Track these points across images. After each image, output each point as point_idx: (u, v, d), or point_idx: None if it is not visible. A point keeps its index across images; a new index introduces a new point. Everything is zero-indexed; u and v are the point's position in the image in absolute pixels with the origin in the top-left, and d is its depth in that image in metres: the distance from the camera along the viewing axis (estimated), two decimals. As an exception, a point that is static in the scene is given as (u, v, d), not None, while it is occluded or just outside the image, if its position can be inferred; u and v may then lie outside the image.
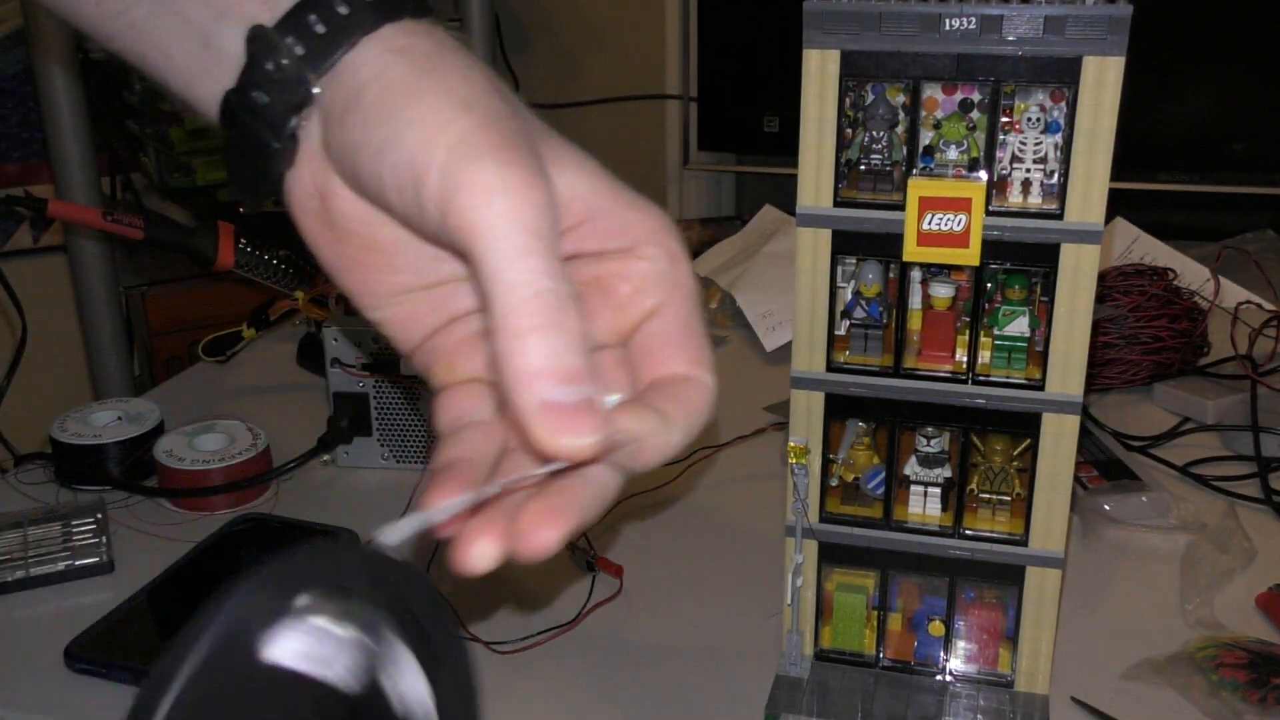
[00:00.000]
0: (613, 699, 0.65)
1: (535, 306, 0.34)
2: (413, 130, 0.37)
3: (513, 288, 0.34)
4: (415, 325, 0.44)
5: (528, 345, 0.34)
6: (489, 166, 0.35)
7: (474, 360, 0.43)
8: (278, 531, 0.80)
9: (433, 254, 0.42)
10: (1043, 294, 0.57)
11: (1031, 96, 0.55)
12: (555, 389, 0.34)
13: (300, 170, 0.42)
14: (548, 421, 0.34)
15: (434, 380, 0.44)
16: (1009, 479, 0.61)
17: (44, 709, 0.65)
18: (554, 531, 0.36)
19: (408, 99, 0.38)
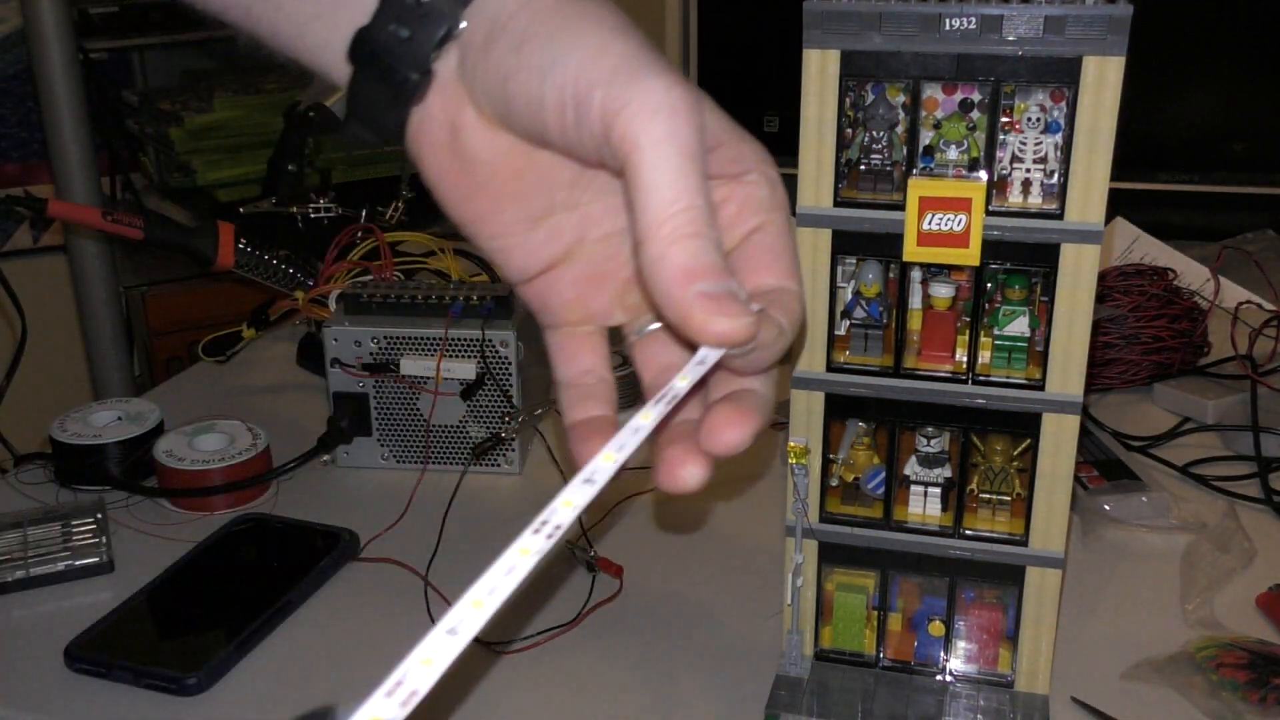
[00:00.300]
0: (613, 699, 0.65)
1: (687, 218, 0.38)
2: (574, 53, 0.40)
3: (669, 201, 0.38)
4: (531, 256, 0.46)
5: (682, 248, 0.38)
6: (655, 85, 0.39)
7: (592, 299, 0.47)
8: (278, 531, 0.80)
9: (561, 180, 0.45)
10: (1043, 294, 0.57)
11: (1031, 96, 0.55)
12: (708, 283, 0.38)
13: (430, 104, 0.44)
14: (706, 308, 0.38)
15: (545, 318, 0.48)
16: (1009, 479, 0.61)
17: (44, 709, 0.65)
18: (743, 429, 0.41)
19: (564, 25, 0.40)
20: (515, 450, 0.88)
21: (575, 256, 0.47)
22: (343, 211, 1.14)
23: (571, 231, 0.46)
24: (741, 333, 0.38)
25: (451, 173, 0.45)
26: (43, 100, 1.68)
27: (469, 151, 0.44)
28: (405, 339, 0.86)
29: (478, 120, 0.44)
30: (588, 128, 0.40)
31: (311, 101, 1.11)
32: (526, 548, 0.32)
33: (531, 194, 0.45)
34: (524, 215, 0.46)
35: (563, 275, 0.47)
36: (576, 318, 0.48)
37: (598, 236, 0.47)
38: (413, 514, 0.83)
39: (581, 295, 0.47)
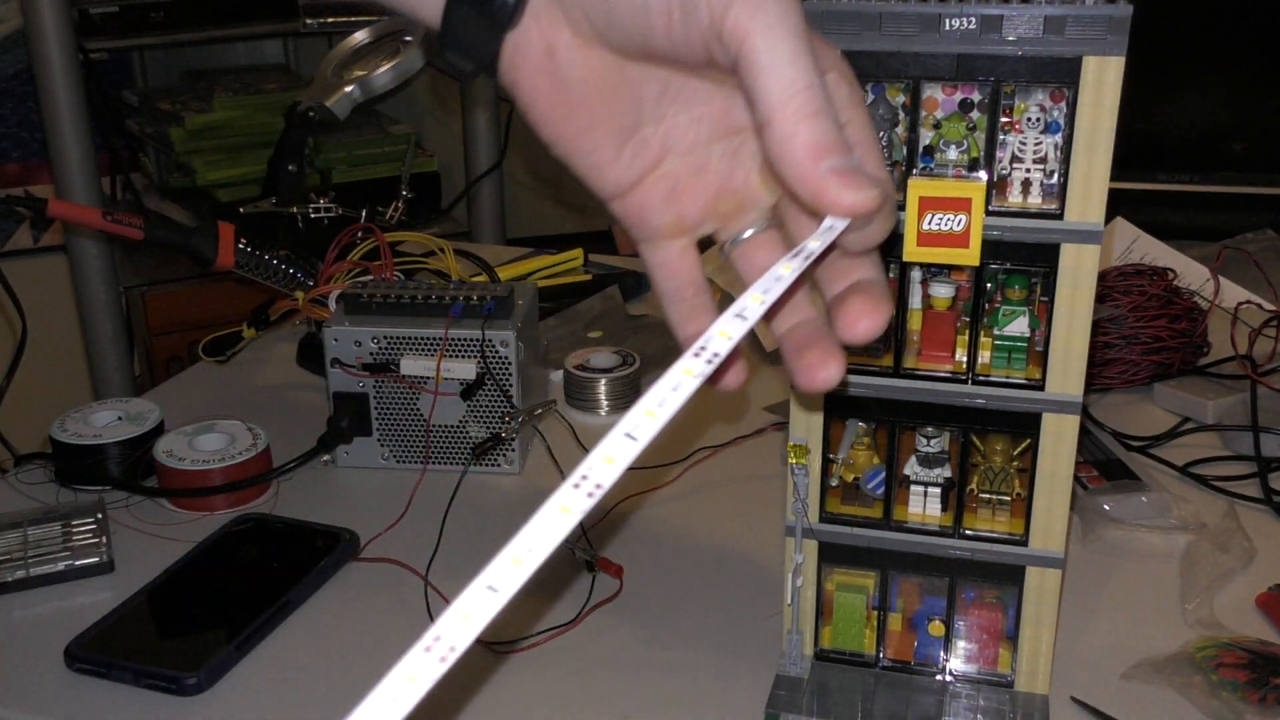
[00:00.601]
0: (613, 699, 0.65)
1: (809, 96, 0.41)
2: None
3: (790, 81, 0.41)
4: (623, 171, 0.48)
5: (809, 126, 0.41)
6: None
7: (685, 210, 0.49)
8: (278, 531, 0.80)
9: (650, 94, 0.47)
10: (1043, 294, 0.57)
11: (1031, 96, 0.55)
12: (836, 160, 0.41)
13: (525, 28, 0.46)
14: (838, 183, 0.41)
15: (640, 233, 0.50)
16: (1009, 479, 0.61)
17: (44, 709, 0.65)
18: (876, 316, 0.44)
19: None
20: (515, 450, 0.88)
21: (664, 169, 0.49)
22: (343, 211, 1.14)
23: (659, 144, 0.48)
24: (871, 203, 0.41)
25: (547, 94, 0.47)
26: (43, 100, 1.69)
27: (564, 71, 0.46)
28: (405, 339, 0.86)
29: (573, 40, 0.46)
30: (695, 26, 0.42)
31: (311, 101, 1.11)
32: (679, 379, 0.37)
33: (623, 109, 0.47)
34: (615, 130, 0.48)
35: (654, 189, 0.49)
36: (670, 230, 0.50)
37: (684, 149, 0.49)
38: (413, 514, 0.83)
39: (674, 207, 0.49)
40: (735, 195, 0.50)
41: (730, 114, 0.49)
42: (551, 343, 1.07)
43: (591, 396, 0.97)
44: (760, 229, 0.50)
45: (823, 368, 0.45)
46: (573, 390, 0.98)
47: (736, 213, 0.50)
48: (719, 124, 0.49)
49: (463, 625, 0.30)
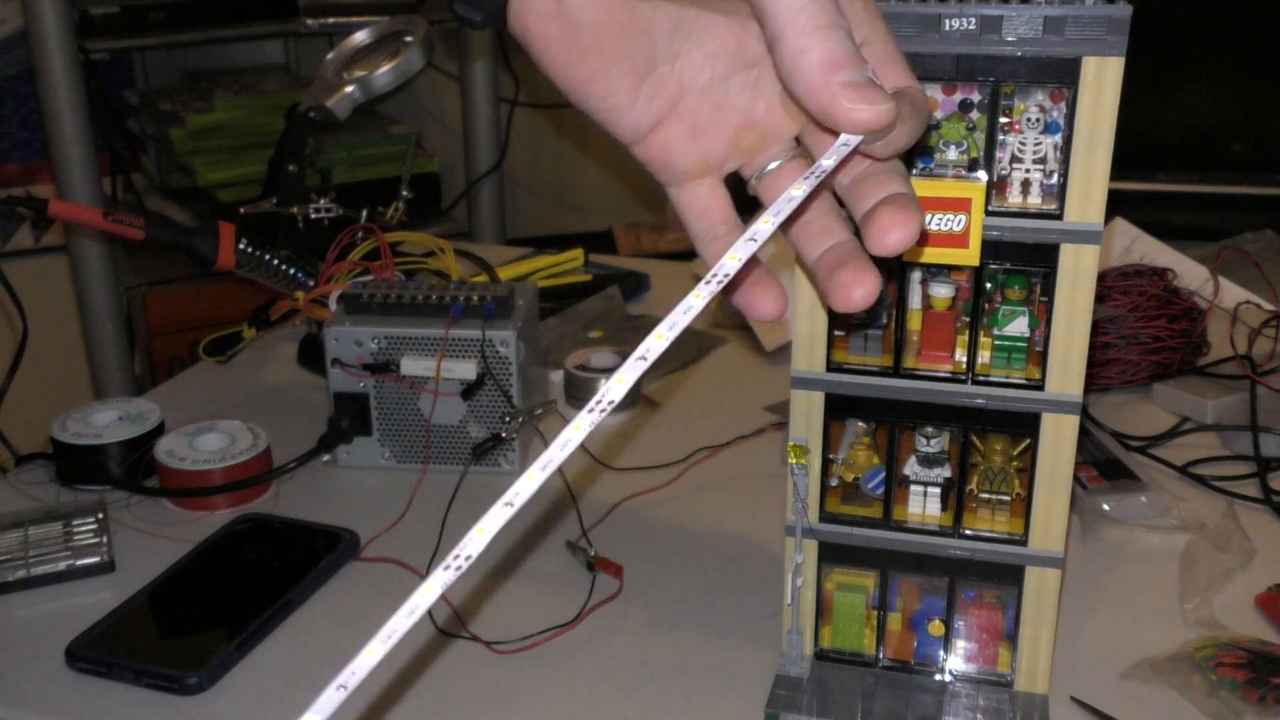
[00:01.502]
0: (613, 699, 0.66)
1: (818, 8, 0.41)
2: None
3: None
4: (641, 113, 0.48)
5: (820, 40, 0.40)
6: None
7: (707, 148, 0.49)
8: (278, 531, 0.80)
9: (662, 30, 0.47)
10: (1042, 294, 0.57)
11: (1031, 97, 0.55)
12: (849, 72, 0.40)
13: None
14: (850, 97, 0.40)
15: (666, 175, 0.50)
16: (1009, 479, 0.61)
17: (44, 709, 0.65)
18: (907, 226, 0.43)
19: None
20: (515, 450, 0.88)
21: (682, 108, 0.49)
22: (343, 212, 1.14)
23: (675, 82, 0.48)
24: (884, 118, 0.41)
25: (558, 39, 0.47)
26: (44, 101, 1.69)
27: (574, 15, 0.46)
28: (405, 339, 0.86)
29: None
30: None
31: (312, 101, 1.11)
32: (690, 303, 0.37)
33: (636, 48, 0.47)
34: (630, 70, 0.47)
35: (675, 129, 0.49)
36: (695, 170, 0.50)
37: (701, 85, 0.48)
38: (413, 514, 0.83)
39: (697, 146, 0.49)
40: (757, 128, 0.49)
41: (745, 46, 0.48)
42: (551, 343, 1.07)
43: (591, 396, 0.97)
44: (786, 160, 0.49)
45: (858, 284, 0.44)
46: (573, 390, 0.98)
47: (760, 146, 0.49)
48: (734, 57, 0.48)
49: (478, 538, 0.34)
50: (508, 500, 0.37)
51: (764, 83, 0.48)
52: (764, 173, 0.49)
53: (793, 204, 0.41)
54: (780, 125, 0.49)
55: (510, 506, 0.37)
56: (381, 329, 0.86)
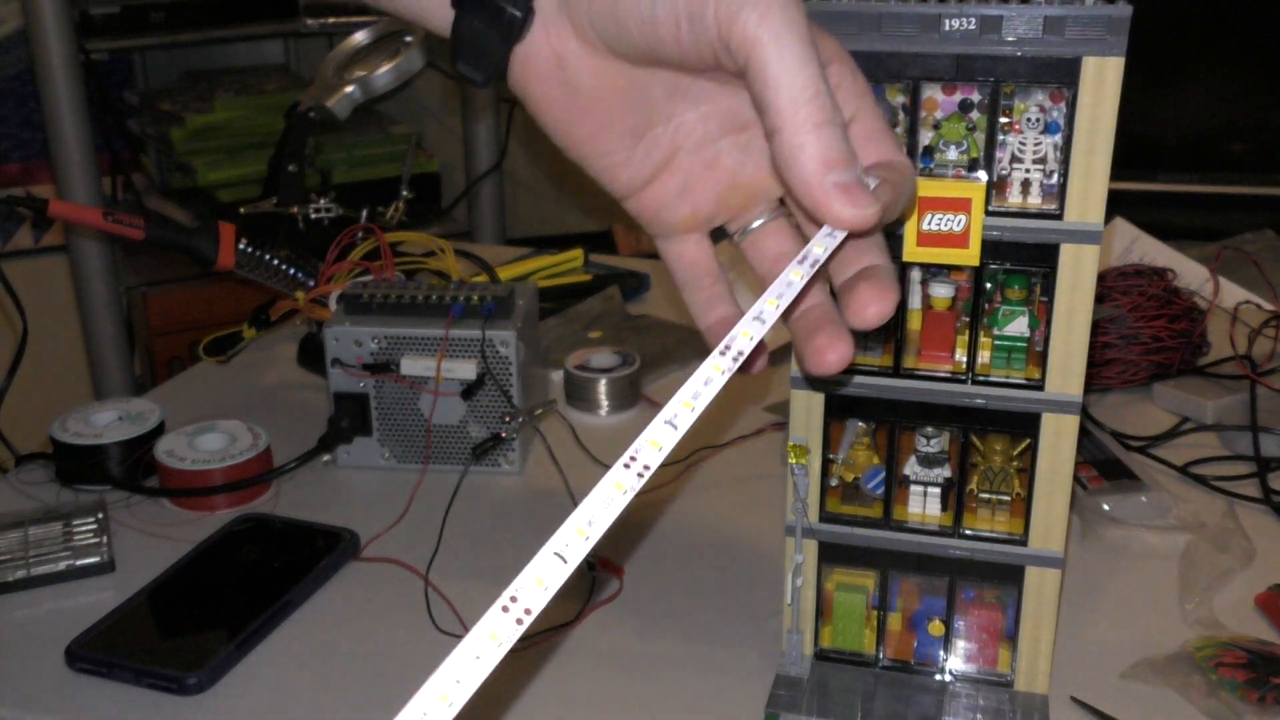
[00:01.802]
0: (613, 699, 0.66)
1: (817, 106, 0.42)
2: None
3: (800, 89, 0.42)
4: (636, 170, 0.50)
5: (817, 138, 0.42)
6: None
7: (696, 204, 0.50)
8: (278, 531, 0.80)
9: (659, 94, 0.48)
10: (1042, 294, 0.57)
11: (1031, 97, 0.55)
12: (842, 173, 0.42)
13: (535, 38, 0.47)
14: (840, 198, 0.42)
15: (656, 229, 0.52)
16: (1009, 479, 0.61)
17: (44, 709, 0.65)
18: (884, 302, 0.45)
19: None
20: (515, 450, 0.88)
21: (675, 166, 0.50)
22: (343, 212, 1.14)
23: (669, 142, 0.50)
24: (870, 221, 0.43)
25: (558, 100, 0.48)
26: (44, 101, 1.69)
27: (574, 78, 0.47)
28: (405, 339, 0.86)
29: (581, 49, 0.47)
30: (704, 36, 0.43)
31: (312, 101, 1.11)
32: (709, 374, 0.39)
33: (632, 111, 0.48)
34: (627, 131, 0.49)
35: (666, 186, 0.50)
36: (684, 225, 0.51)
37: (693, 145, 0.50)
38: (413, 514, 0.83)
39: (687, 203, 0.51)
40: (745, 188, 0.51)
41: (738, 110, 0.49)
42: (551, 343, 1.07)
43: (591, 396, 0.97)
44: (770, 219, 0.51)
45: (832, 350, 0.46)
46: (573, 390, 0.98)
47: (747, 205, 0.51)
48: (727, 119, 0.50)
49: (537, 590, 0.33)
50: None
51: (754, 146, 0.50)
52: (749, 230, 0.51)
53: (793, 289, 0.43)
54: (767, 187, 0.51)
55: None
56: (381, 329, 0.86)
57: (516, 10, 0.46)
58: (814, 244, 0.44)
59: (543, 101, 0.48)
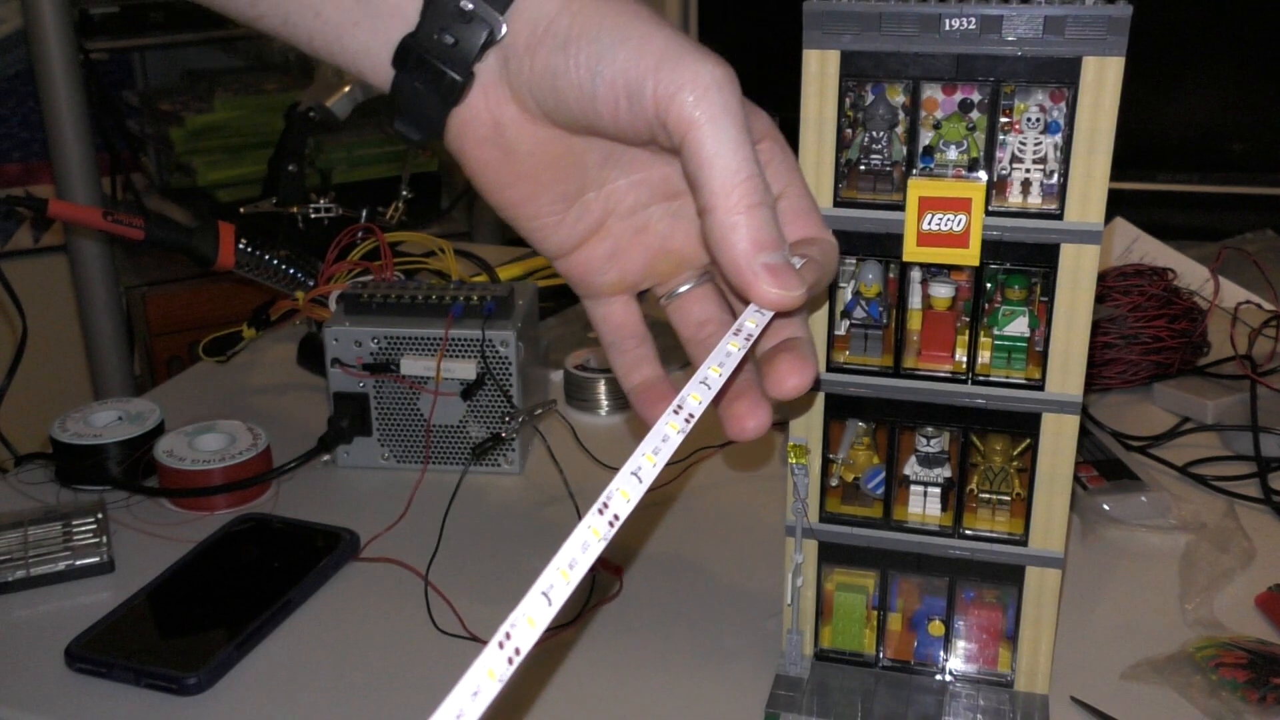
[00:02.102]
0: (613, 699, 0.66)
1: (750, 187, 0.43)
2: (621, 47, 0.44)
3: (734, 171, 0.43)
4: (567, 233, 0.50)
5: (749, 219, 0.43)
6: (700, 68, 0.43)
7: (625, 268, 0.52)
8: (278, 531, 0.80)
9: (593, 162, 0.49)
10: (1042, 294, 0.57)
11: (1031, 97, 0.55)
12: (771, 255, 0.43)
13: (473, 102, 0.48)
14: (769, 280, 0.43)
15: (584, 290, 0.53)
16: (1009, 479, 0.61)
17: (44, 709, 0.65)
18: (803, 375, 0.47)
19: (604, 22, 0.44)
20: (515, 450, 0.88)
21: (606, 231, 0.51)
22: (343, 211, 1.14)
23: (601, 207, 0.51)
24: (796, 302, 0.44)
25: (494, 163, 0.49)
26: (43, 100, 1.69)
27: (510, 143, 0.48)
28: (405, 339, 0.86)
29: (520, 115, 0.47)
30: (641, 114, 0.44)
31: (312, 101, 1.11)
32: (666, 432, 0.41)
33: (567, 176, 0.49)
34: (560, 196, 0.50)
35: (596, 249, 0.51)
36: (612, 288, 0.52)
37: (625, 210, 0.51)
38: (413, 514, 0.83)
39: (615, 266, 0.52)
40: (674, 255, 0.52)
41: (669, 178, 0.51)
42: (551, 343, 1.07)
43: (591, 396, 0.97)
44: (696, 284, 0.52)
45: (751, 417, 0.48)
46: (573, 390, 0.98)
47: (674, 271, 0.52)
48: (658, 187, 0.51)
49: (528, 629, 0.36)
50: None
51: (684, 213, 0.51)
52: (674, 295, 0.53)
53: (733, 359, 0.44)
54: (695, 254, 0.52)
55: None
56: (381, 329, 0.86)
57: (457, 75, 0.46)
58: (745, 318, 0.46)
59: (478, 164, 0.49)
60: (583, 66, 0.44)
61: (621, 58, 0.44)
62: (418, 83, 0.47)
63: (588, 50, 0.44)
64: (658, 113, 0.43)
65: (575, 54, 0.44)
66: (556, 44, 0.45)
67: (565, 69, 0.45)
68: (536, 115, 0.47)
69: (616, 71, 0.44)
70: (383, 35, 0.48)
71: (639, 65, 0.43)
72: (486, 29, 0.46)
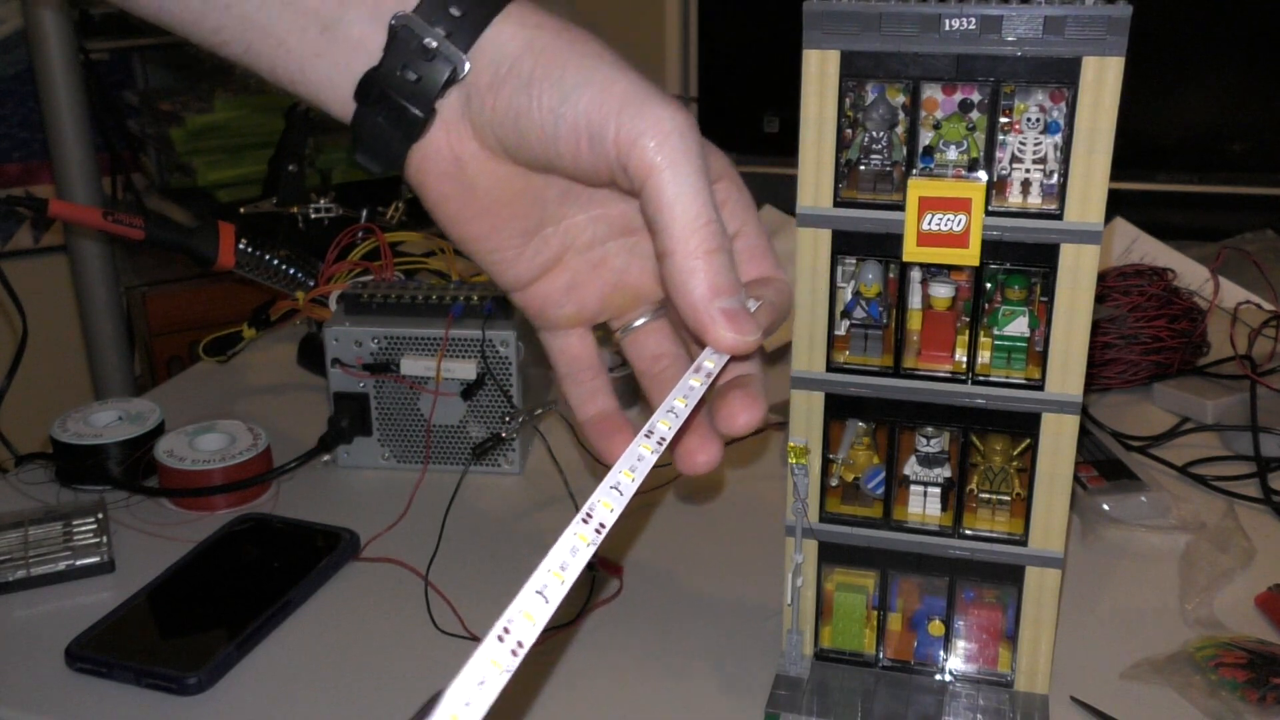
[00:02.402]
0: (612, 699, 0.66)
1: (709, 233, 0.44)
2: (584, 89, 0.44)
3: (693, 217, 0.43)
4: (525, 267, 0.51)
5: (707, 265, 0.44)
6: (662, 113, 0.44)
7: (582, 302, 0.52)
8: (278, 531, 0.80)
9: (552, 197, 0.50)
10: (1042, 294, 0.57)
11: (1031, 97, 0.55)
12: (728, 300, 0.44)
13: (434, 137, 0.48)
14: (725, 324, 0.44)
15: (540, 322, 0.53)
16: (1009, 479, 0.61)
17: (44, 709, 0.65)
18: (753, 412, 0.47)
19: (568, 64, 0.45)
20: (515, 450, 0.88)
21: (563, 264, 0.52)
22: (343, 211, 1.14)
23: (559, 242, 0.51)
24: (751, 346, 0.45)
25: (453, 198, 0.49)
26: (44, 101, 1.69)
27: (471, 179, 0.48)
28: (405, 339, 0.86)
29: (481, 152, 0.47)
30: (603, 157, 0.44)
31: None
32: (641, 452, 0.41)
33: (526, 212, 0.50)
34: (519, 230, 0.50)
35: (554, 283, 0.52)
36: (568, 321, 0.53)
37: (582, 245, 0.51)
38: (413, 514, 0.83)
39: (572, 300, 0.52)
40: (630, 290, 0.53)
41: (628, 215, 0.51)
42: (552, 343, 1.07)
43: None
44: (651, 319, 0.53)
45: (702, 452, 0.49)
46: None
47: (630, 306, 0.53)
48: (617, 223, 0.51)
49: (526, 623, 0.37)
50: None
51: (641, 249, 0.52)
52: (630, 329, 0.53)
53: (695, 394, 0.45)
54: (651, 289, 0.53)
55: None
56: (381, 329, 0.86)
57: (418, 111, 0.47)
58: (703, 358, 0.47)
59: (438, 198, 0.49)
60: (545, 108, 0.45)
61: (584, 101, 0.44)
62: (379, 117, 0.47)
63: (551, 92, 0.44)
64: (619, 156, 0.44)
65: (538, 95, 0.45)
66: (520, 84, 0.45)
67: (528, 109, 0.45)
68: (497, 152, 0.47)
69: (579, 114, 0.44)
70: (345, 68, 0.47)
71: (602, 109, 0.44)
72: (450, 66, 0.46)
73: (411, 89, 0.46)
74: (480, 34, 0.46)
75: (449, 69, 0.46)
